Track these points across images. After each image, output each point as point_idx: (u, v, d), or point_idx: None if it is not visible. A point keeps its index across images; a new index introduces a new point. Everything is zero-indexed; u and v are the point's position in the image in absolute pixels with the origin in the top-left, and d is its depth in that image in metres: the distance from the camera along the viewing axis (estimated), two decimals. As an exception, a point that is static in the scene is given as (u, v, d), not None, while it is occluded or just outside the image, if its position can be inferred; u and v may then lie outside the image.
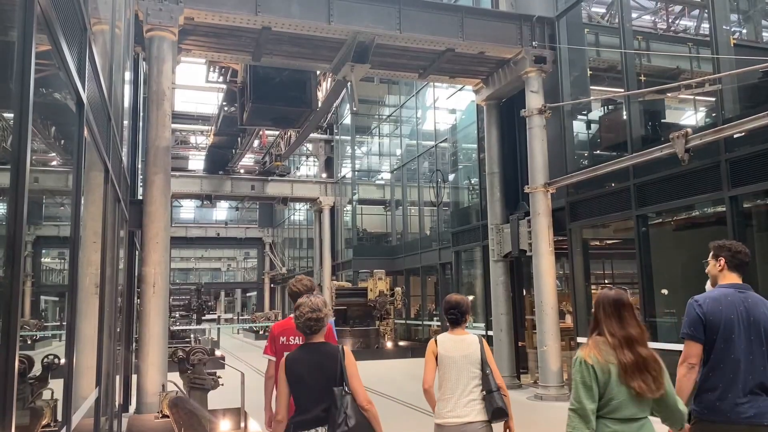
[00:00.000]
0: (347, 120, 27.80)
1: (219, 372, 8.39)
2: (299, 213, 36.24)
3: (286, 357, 3.40)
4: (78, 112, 3.38)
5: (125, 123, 8.17)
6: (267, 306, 39.57)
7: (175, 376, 8.30)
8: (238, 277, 48.74)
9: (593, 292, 10.88)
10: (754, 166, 7.54)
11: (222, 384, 7.77)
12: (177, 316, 24.98)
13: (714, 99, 9.74)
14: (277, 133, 25.03)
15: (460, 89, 16.92)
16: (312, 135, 25.47)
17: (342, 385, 3.27)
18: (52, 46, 2.58)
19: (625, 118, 10.31)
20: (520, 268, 12.84)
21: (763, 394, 3.16)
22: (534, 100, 11.18)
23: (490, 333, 12.62)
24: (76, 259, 3.45)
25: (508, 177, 12.63)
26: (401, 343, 19.52)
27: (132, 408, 8.83)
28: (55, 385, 4.50)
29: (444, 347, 3.89)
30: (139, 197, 9.76)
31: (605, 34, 13.17)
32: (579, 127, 12.65)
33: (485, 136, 13.00)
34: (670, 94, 11.82)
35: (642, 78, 10.84)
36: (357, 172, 27.27)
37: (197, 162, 30.26)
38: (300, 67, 13.27)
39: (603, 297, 2.94)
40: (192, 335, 21.47)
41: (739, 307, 3.24)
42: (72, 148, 3.56)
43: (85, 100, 3.39)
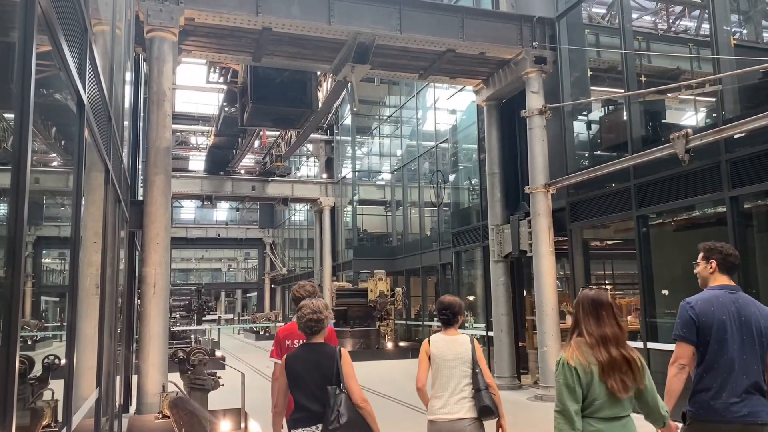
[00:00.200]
0: (348, 120, 27.79)
1: (219, 372, 8.39)
2: (300, 213, 36.22)
3: (287, 356, 3.54)
4: (78, 113, 3.39)
5: (126, 123, 8.18)
6: (267, 306, 39.55)
7: (175, 377, 8.30)
8: (238, 277, 48.70)
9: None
10: (755, 166, 7.54)
11: (222, 384, 7.78)
12: (177, 316, 24.92)
13: (714, 99, 9.74)
14: (277, 133, 25.02)
15: (461, 90, 16.90)
16: (312, 135, 25.46)
17: (337, 385, 3.38)
18: (52, 46, 2.59)
19: (625, 118, 10.30)
20: (520, 269, 12.83)
21: (757, 393, 3.19)
22: (534, 101, 11.18)
23: (491, 333, 12.62)
24: (76, 260, 3.46)
25: (508, 177, 12.63)
26: (401, 343, 19.51)
27: (132, 408, 8.84)
28: (56, 386, 4.50)
29: (436, 347, 4.05)
30: (140, 198, 9.77)
31: (606, 34, 13.15)
32: (579, 127, 12.64)
33: (485, 137, 13.01)
34: (670, 95, 11.82)
35: (642, 78, 10.84)
36: (357, 173, 27.26)
37: (198, 162, 30.27)
38: (300, 67, 13.28)
39: (582, 297, 3.00)
40: (192, 336, 21.47)
41: (730, 308, 3.28)
42: (72, 149, 3.57)
43: (85, 100, 3.39)
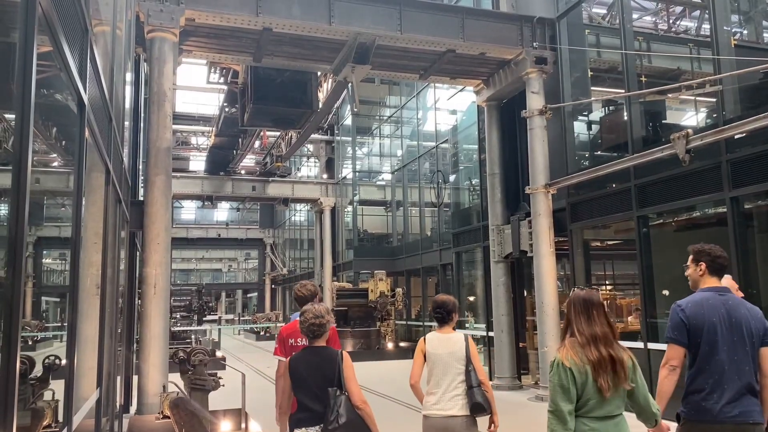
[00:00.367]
0: (348, 121, 27.79)
1: (220, 373, 8.40)
2: (300, 214, 36.22)
3: (290, 358, 3.67)
4: (79, 113, 3.39)
5: (126, 124, 8.18)
6: (268, 307, 39.58)
7: (176, 377, 8.31)
8: (239, 277, 48.74)
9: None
10: (755, 166, 7.53)
11: (223, 385, 7.79)
12: (178, 316, 24.93)
13: (715, 100, 9.73)
14: (278, 134, 25.03)
15: (461, 90, 16.89)
16: (313, 136, 25.45)
17: (338, 386, 3.49)
18: (53, 47, 2.59)
19: (625, 118, 10.29)
20: (521, 269, 12.83)
21: (749, 393, 3.23)
22: (535, 101, 11.18)
23: (491, 334, 12.61)
24: (77, 260, 3.46)
25: (508, 178, 12.63)
26: (402, 343, 19.48)
27: (133, 409, 8.83)
28: (56, 386, 4.51)
29: (431, 345, 4.20)
30: (140, 198, 9.77)
31: (606, 34, 13.15)
32: (580, 127, 12.64)
33: (486, 137, 13.00)
34: (671, 95, 11.82)
35: (643, 79, 10.84)
36: (358, 173, 27.26)
37: (198, 163, 30.27)
38: (301, 68, 13.27)
39: (574, 297, 3.05)
40: (193, 336, 21.45)
41: (720, 309, 3.31)
42: (73, 149, 3.57)
43: (86, 101, 3.39)
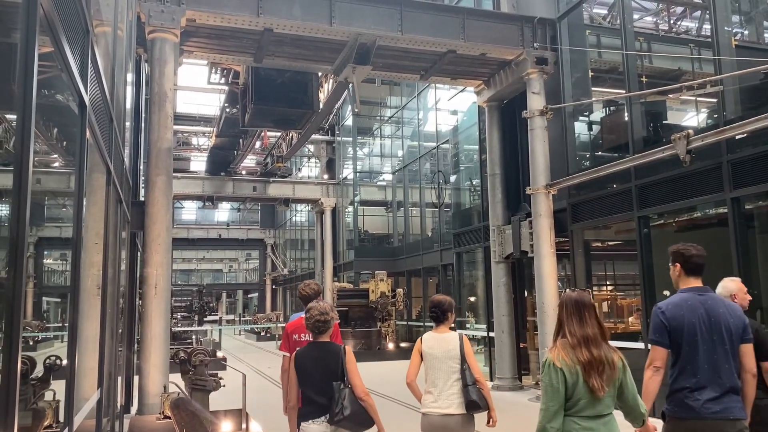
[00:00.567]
0: (349, 121, 27.80)
1: (220, 373, 8.40)
2: (301, 214, 36.22)
3: (296, 353, 3.81)
4: (80, 114, 3.39)
5: (127, 124, 8.18)
6: (269, 307, 39.59)
7: (176, 378, 8.30)
8: (239, 278, 48.77)
9: (594, 293, 10.85)
10: (756, 167, 7.53)
11: (223, 385, 7.78)
12: (179, 317, 24.98)
13: (716, 100, 9.72)
14: (278, 134, 25.03)
15: (462, 90, 16.89)
16: (313, 136, 25.44)
17: (341, 380, 3.62)
18: (54, 47, 2.59)
19: (626, 119, 10.29)
20: (521, 270, 12.83)
21: (730, 391, 3.30)
22: (535, 102, 11.18)
23: (492, 334, 12.61)
24: (78, 261, 3.46)
25: (509, 178, 12.62)
26: (403, 344, 19.49)
27: (134, 409, 8.84)
28: (57, 386, 4.51)
29: (427, 344, 4.27)
30: (141, 198, 9.77)
31: (607, 35, 13.15)
32: (580, 128, 12.63)
33: (487, 138, 13.00)
34: (671, 96, 11.81)
35: (643, 79, 10.83)
36: (358, 174, 27.27)
37: (199, 163, 30.29)
38: (302, 68, 13.27)
39: (566, 298, 3.09)
40: (193, 336, 21.46)
41: (699, 310, 3.38)
42: (74, 150, 3.58)
43: (87, 101, 3.39)
